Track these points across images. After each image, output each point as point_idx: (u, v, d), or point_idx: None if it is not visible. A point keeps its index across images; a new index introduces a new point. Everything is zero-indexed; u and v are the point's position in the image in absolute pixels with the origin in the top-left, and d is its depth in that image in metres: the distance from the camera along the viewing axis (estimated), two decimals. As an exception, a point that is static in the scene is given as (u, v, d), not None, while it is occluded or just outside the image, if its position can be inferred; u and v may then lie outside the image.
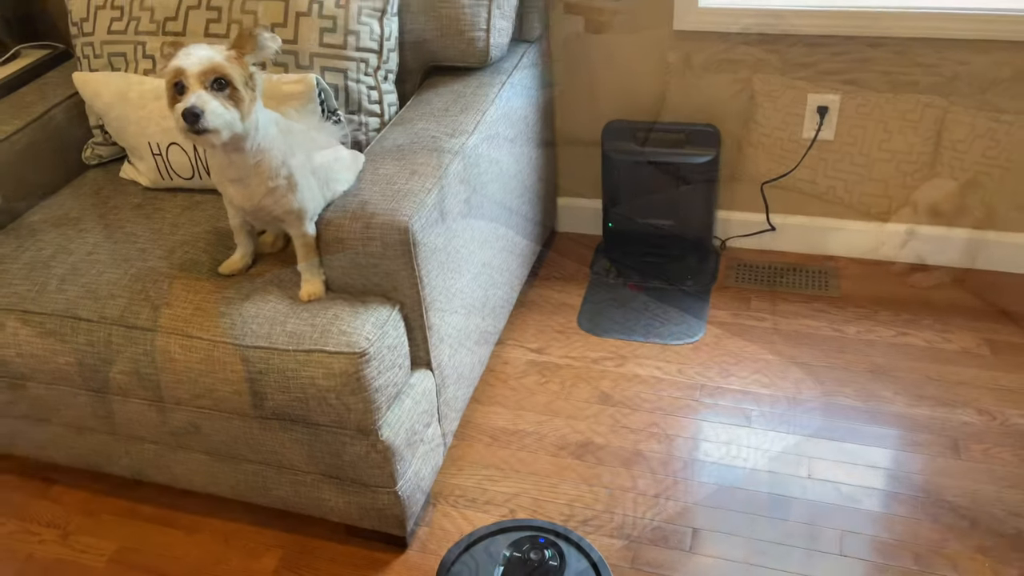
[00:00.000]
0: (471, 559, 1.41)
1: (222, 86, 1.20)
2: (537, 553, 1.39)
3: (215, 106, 1.18)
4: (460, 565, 1.40)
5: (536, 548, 1.40)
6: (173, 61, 1.19)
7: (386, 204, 1.37)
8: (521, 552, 1.39)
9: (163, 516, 1.67)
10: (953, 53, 1.84)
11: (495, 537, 1.43)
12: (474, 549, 1.42)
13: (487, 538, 1.43)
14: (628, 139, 2.06)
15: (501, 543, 1.41)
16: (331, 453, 1.41)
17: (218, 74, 1.19)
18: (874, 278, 2.09)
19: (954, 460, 1.63)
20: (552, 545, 1.41)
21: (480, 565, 1.40)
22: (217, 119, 1.19)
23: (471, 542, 1.43)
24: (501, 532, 1.44)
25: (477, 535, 1.44)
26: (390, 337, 1.36)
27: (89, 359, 1.42)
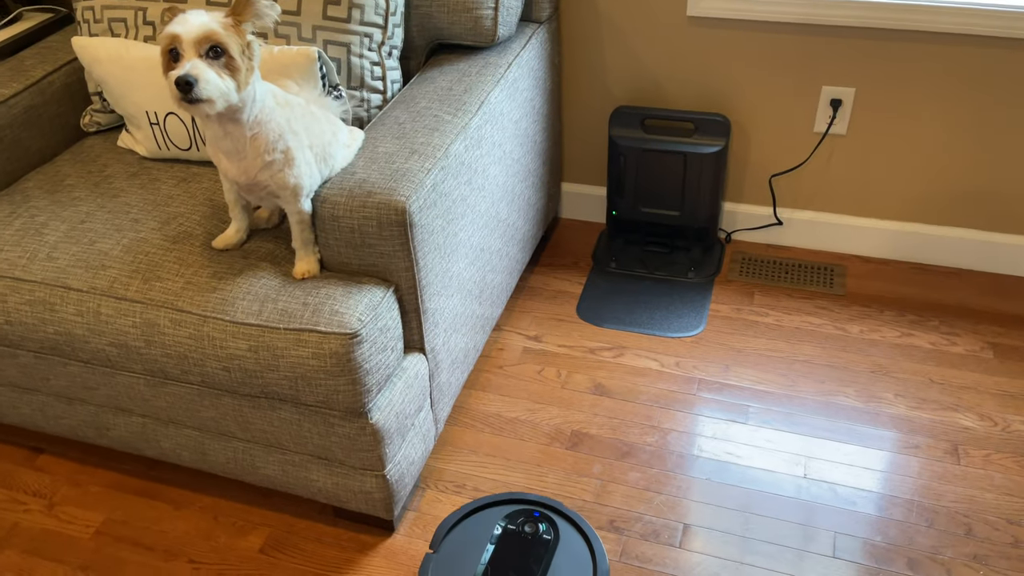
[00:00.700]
0: (466, 530, 1.42)
1: (218, 54, 1.17)
2: (531, 526, 1.41)
3: (210, 75, 1.15)
4: (455, 535, 1.41)
5: (531, 521, 1.42)
6: (168, 27, 1.16)
7: (384, 183, 1.34)
8: (516, 525, 1.41)
9: (151, 489, 1.66)
10: (974, 49, 1.79)
11: (491, 509, 1.44)
12: (469, 520, 1.43)
13: (482, 509, 1.44)
14: (636, 126, 2.03)
15: (496, 515, 1.43)
16: (319, 434, 1.39)
17: (214, 42, 1.16)
18: (881, 277, 2.06)
19: (953, 465, 1.61)
20: (546, 519, 1.42)
21: (475, 536, 1.40)
22: (211, 88, 1.15)
23: (466, 513, 1.44)
24: (497, 504, 1.45)
25: (473, 506, 1.44)
26: (383, 319, 1.33)
27: (78, 330, 1.40)
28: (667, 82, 2.03)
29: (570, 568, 1.35)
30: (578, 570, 1.35)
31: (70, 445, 1.76)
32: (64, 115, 1.82)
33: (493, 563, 1.36)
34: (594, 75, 2.08)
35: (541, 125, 1.95)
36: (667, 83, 2.03)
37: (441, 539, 1.41)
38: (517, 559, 1.37)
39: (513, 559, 1.37)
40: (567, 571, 1.35)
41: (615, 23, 1.99)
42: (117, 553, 1.54)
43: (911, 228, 2.05)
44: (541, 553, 1.37)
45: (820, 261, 2.11)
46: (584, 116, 2.15)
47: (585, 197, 2.27)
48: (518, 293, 2.08)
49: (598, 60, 2.05)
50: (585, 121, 2.16)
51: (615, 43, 2.01)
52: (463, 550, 1.39)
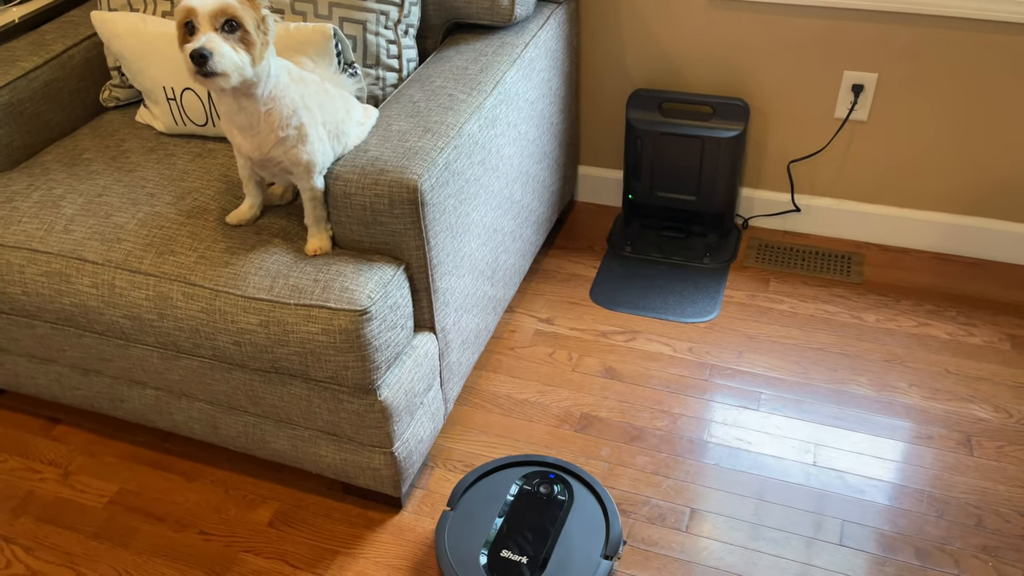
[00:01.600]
0: (482, 489, 1.45)
1: (233, 28, 1.17)
2: (547, 487, 1.44)
3: (225, 48, 1.16)
4: (472, 494, 1.45)
5: (546, 482, 1.45)
6: (184, 0, 1.16)
7: (396, 161, 1.34)
8: (531, 486, 1.44)
9: (164, 461, 1.68)
10: (999, 36, 1.76)
11: (507, 470, 1.47)
12: (486, 480, 1.47)
13: (499, 470, 1.48)
14: (654, 109, 2.01)
15: (512, 476, 1.46)
16: (329, 410, 1.40)
17: (229, 15, 1.16)
18: (899, 266, 2.03)
19: (966, 456, 1.59)
20: (561, 481, 1.45)
21: (491, 495, 1.44)
22: (226, 62, 1.16)
23: (483, 473, 1.47)
24: (513, 465, 1.48)
25: (489, 467, 1.48)
26: (393, 297, 1.34)
27: (93, 301, 1.42)
28: (686, 65, 2.01)
29: (584, 529, 1.39)
30: (591, 531, 1.38)
31: (86, 416, 1.78)
32: (84, 90, 1.83)
33: (509, 521, 1.40)
34: (612, 57, 2.06)
35: (558, 107, 1.93)
36: (686, 66, 2.01)
37: (459, 497, 1.44)
38: (532, 518, 1.40)
39: (528, 518, 1.40)
40: (581, 531, 1.38)
41: (635, 5, 1.97)
42: (129, 523, 1.57)
43: (932, 217, 2.02)
44: (556, 513, 1.41)
45: (838, 249, 2.09)
46: (602, 98, 2.14)
47: (601, 180, 2.26)
48: (531, 275, 2.07)
49: (617, 42, 2.04)
50: (602, 103, 2.14)
51: (634, 25, 2.00)
52: (480, 508, 1.42)
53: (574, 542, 1.37)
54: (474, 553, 1.36)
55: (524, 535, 1.38)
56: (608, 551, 1.36)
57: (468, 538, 1.38)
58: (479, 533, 1.39)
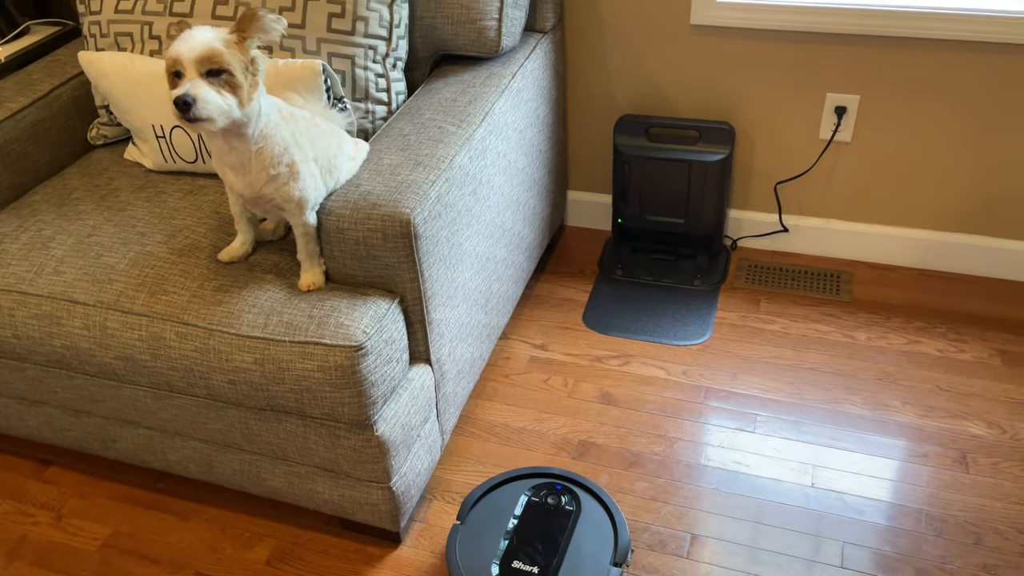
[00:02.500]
0: (491, 502, 1.47)
1: (219, 73, 1.17)
2: (554, 498, 1.46)
3: (209, 95, 1.16)
4: (480, 507, 1.46)
5: (553, 494, 1.47)
6: (172, 46, 1.17)
7: (388, 195, 1.34)
8: (539, 497, 1.46)
9: (157, 501, 1.66)
10: (978, 55, 1.79)
11: (514, 483, 1.50)
12: (494, 493, 1.49)
13: (506, 483, 1.50)
14: (641, 134, 2.03)
15: (520, 488, 1.49)
16: (325, 446, 1.39)
17: (214, 63, 1.16)
18: (888, 284, 2.05)
19: (962, 474, 1.60)
20: (568, 491, 1.47)
21: (500, 507, 1.46)
22: (211, 108, 1.16)
23: (492, 486, 1.49)
24: (520, 478, 1.51)
25: (497, 480, 1.50)
26: (388, 331, 1.34)
27: (84, 343, 1.40)
28: (671, 90, 2.03)
29: (592, 538, 1.41)
30: (600, 540, 1.41)
31: (77, 457, 1.76)
32: (71, 128, 1.83)
33: (518, 532, 1.42)
34: (598, 84, 2.08)
35: (546, 134, 1.95)
36: (671, 91, 2.03)
37: (468, 511, 1.46)
38: (541, 529, 1.42)
39: (537, 529, 1.42)
40: (589, 541, 1.41)
41: (619, 32, 1.99)
42: (124, 565, 1.54)
43: (917, 235, 2.05)
44: (564, 524, 1.43)
45: (826, 268, 2.11)
46: (589, 125, 2.15)
47: (590, 205, 2.27)
48: (524, 301, 2.08)
49: (602, 69, 2.06)
50: (590, 130, 2.16)
51: (619, 52, 2.02)
52: (489, 521, 1.44)
53: (583, 551, 1.39)
54: (486, 565, 1.37)
55: (534, 545, 1.40)
56: (617, 558, 1.38)
57: (479, 550, 1.40)
58: (490, 545, 1.40)
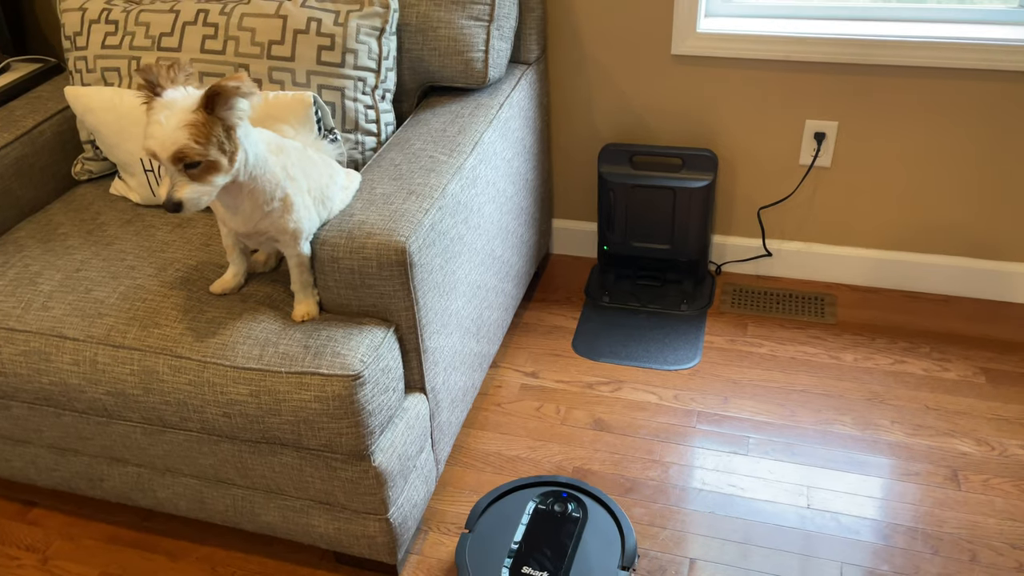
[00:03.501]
0: (498, 510, 1.50)
1: (195, 164, 1.16)
2: (561, 505, 1.50)
3: (192, 193, 1.16)
4: (488, 516, 1.50)
5: (560, 501, 1.51)
6: (145, 140, 1.15)
7: (383, 224, 1.35)
8: (546, 505, 1.50)
9: (146, 541, 1.63)
10: (950, 82, 1.84)
11: (521, 491, 1.53)
12: (501, 502, 1.52)
13: (513, 492, 1.54)
14: (624, 163, 2.06)
15: (527, 497, 1.52)
16: (321, 478, 1.38)
17: (188, 160, 1.14)
18: (870, 306, 2.08)
19: (954, 491, 1.61)
20: (574, 499, 1.51)
21: (507, 516, 1.49)
22: (197, 201, 1.17)
23: (499, 495, 1.53)
24: (526, 487, 1.54)
25: (504, 488, 1.53)
26: (385, 360, 1.33)
27: (74, 379, 1.38)
28: (654, 119, 2.07)
29: (600, 543, 1.44)
30: (607, 544, 1.44)
31: (62, 498, 1.72)
32: (55, 164, 1.82)
33: (526, 539, 1.45)
34: (582, 114, 2.11)
35: (532, 164, 1.97)
36: (654, 120, 2.07)
37: (476, 519, 1.49)
38: (549, 536, 1.45)
39: (545, 536, 1.45)
40: (597, 546, 1.44)
41: (601, 64, 2.02)
42: (113, 608, 1.51)
43: (898, 257, 2.08)
44: (572, 530, 1.46)
45: (810, 291, 2.14)
46: (573, 154, 2.18)
47: (576, 233, 2.29)
48: (513, 329, 2.08)
49: (585, 99, 2.09)
50: (574, 159, 2.19)
51: (602, 83, 2.05)
52: (497, 529, 1.47)
53: (591, 556, 1.42)
54: (496, 571, 1.40)
55: (543, 551, 1.43)
56: (625, 562, 1.41)
57: (488, 557, 1.43)
58: (499, 552, 1.43)
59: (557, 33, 2.02)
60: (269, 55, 1.57)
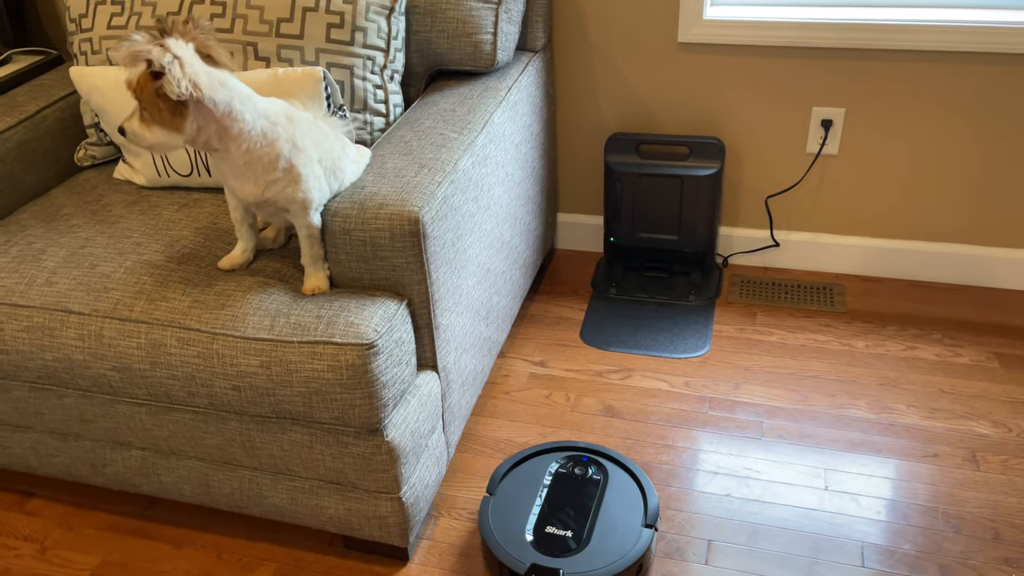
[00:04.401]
0: (519, 475, 1.51)
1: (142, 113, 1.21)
2: (581, 469, 1.51)
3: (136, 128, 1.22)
4: (509, 480, 1.51)
5: (580, 465, 1.52)
6: None
7: (395, 195, 1.33)
8: (566, 468, 1.52)
9: (148, 529, 1.58)
10: (959, 66, 1.85)
11: (540, 457, 1.55)
12: (522, 465, 1.53)
13: (534, 456, 1.55)
14: (631, 152, 2.05)
15: (547, 462, 1.54)
16: (332, 455, 1.34)
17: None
18: (879, 295, 2.07)
19: (973, 472, 1.59)
20: (594, 463, 1.52)
21: (528, 479, 1.50)
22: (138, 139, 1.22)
23: (519, 460, 1.54)
24: (545, 452, 1.56)
25: (524, 454, 1.55)
26: (398, 331, 1.30)
27: (78, 355, 1.35)
28: (660, 108, 2.06)
29: (622, 503, 1.45)
30: (630, 504, 1.45)
31: (62, 488, 1.68)
32: (58, 150, 1.80)
33: (549, 501, 1.46)
34: (588, 103, 2.11)
35: (539, 152, 1.96)
36: (660, 109, 2.06)
37: (497, 483, 1.50)
38: (571, 497, 1.46)
39: (567, 497, 1.46)
40: (619, 506, 1.45)
41: (607, 52, 2.02)
42: (115, 596, 1.46)
43: (906, 245, 2.08)
44: (593, 491, 1.47)
45: (818, 281, 2.12)
46: (579, 144, 2.17)
47: (581, 227, 2.27)
48: (519, 320, 2.05)
49: (591, 88, 2.08)
50: (580, 149, 2.18)
51: (608, 71, 2.05)
52: (518, 492, 1.49)
53: (615, 515, 1.44)
54: (520, 531, 1.41)
55: (566, 512, 1.44)
56: (648, 520, 1.42)
57: (511, 519, 1.44)
58: (521, 513, 1.45)
59: (563, 21, 2.02)
60: (278, 33, 1.56)
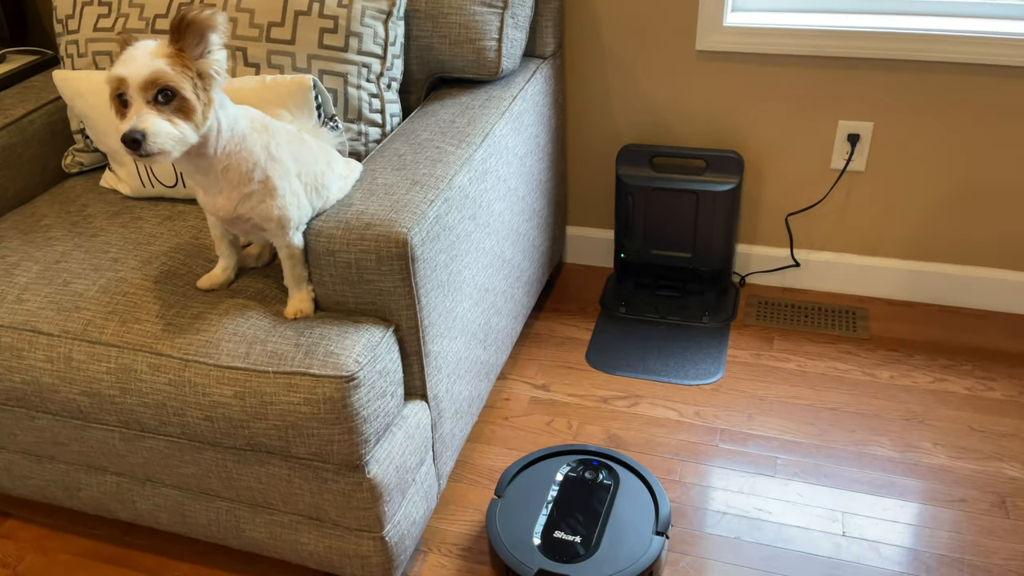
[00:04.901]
0: (528, 477, 1.49)
1: (169, 98, 1.05)
2: (591, 473, 1.48)
3: (159, 126, 1.03)
4: (517, 482, 1.48)
5: (591, 469, 1.49)
6: (114, 67, 1.05)
7: (383, 215, 1.24)
8: (576, 472, 1.49)
9: (125, 557, 1.51)
10: (996, 80, 1.72)
11: (550, 459, 1.52)
12: (530, 469, 1.51)
13: (543, 460, 1.52)
14: (645, 164, 1.94)
15: (556, 464, 1.51)
16: (311, 491, 1.26)
17: (161, 85, 1.04)
18: (906, 320, 1.95)
19: (1002, 519, 1.47)
20: (605, 467, 1.49)
21: (537, 483, 1.48)
22: (162, 140, 1.04)
23: (528, 463, 1.51)
24: (555, 455, 1.53)
25: (533, 457, 1.52)
26: (382, 361, 1.22)
27: (47, 378, 1.27)
28: (676, 119, 1.96)
29: (632, 509, 1.42)
30: (641, 511, 1.42)
31: (37, 509, 1.61)
32: (44, 156, 1.73)
33: (557, 505, 1.43)
34: (600, 112, 2.01)
35: (546, 164, 1.86)
36: (676, 120, 1.96)
37: (505, 485, 1.47)
38: (580, 502, 1.44)
39: (576, 502, 1.44)
40: (630, 512, 1.42)
41: (622, 59, 1.92)
42: (84, 629, 1.39)
43: (935, 268, 1.96)
44: (603, 496, 1.44)
45: (840, 304, 2.01)
46: (590, 155, 2.07)
47: (591, 241, 2.18)
48: (523, 340, 1.96)
49: (604, 98, 1.98)
50: (591, 161, 2.08)
51: (621, 80, 1.95)
52: (527, 495, 1.46)
53: (625, 521, 1.40)
54: (527, 535, 1.39)
55: (575, 517, 1.41)
56: (659, 527, 1.38)
57: (519, 522, 1.41)
58: (529, 517, 1.42)
59: (575, 26, 1.92)
60: (268, 38, 1.48)
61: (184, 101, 1.06)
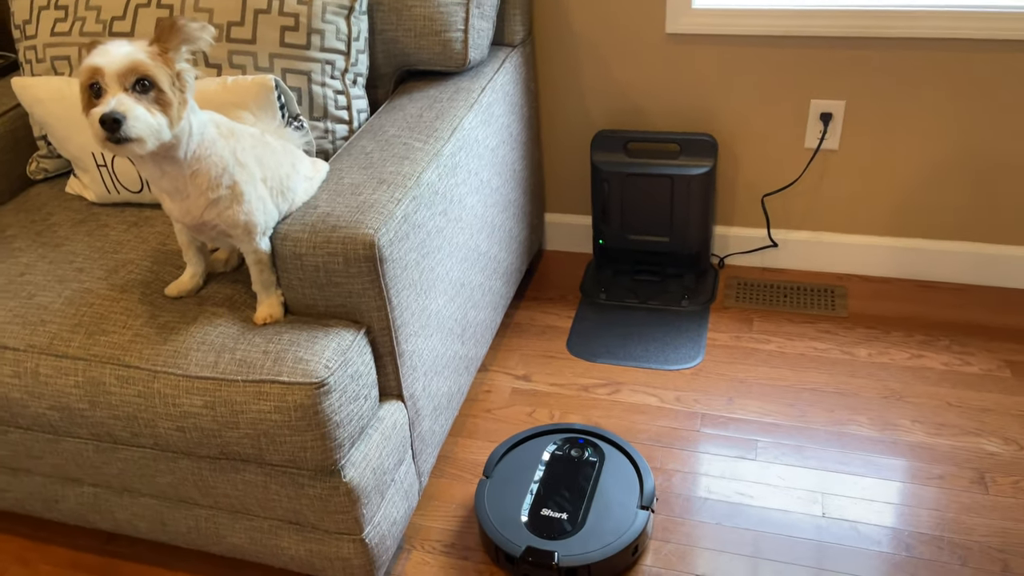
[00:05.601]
0: (515, 458, 1.51)
1: (146, 88, 1.04)
2: (577, 451, 1.51)
3: (138, 111, 1.03)
4: (505, 463, 1.51)
5: (576, 447, 1.52)
6: (88, 59, 1.04)
7: (349, 216, 1.22)
8: (563, 451, 1.52)
9: (108, 566, 1.50)
10: (966, 54, 1.71)
11: (536, 439, 1.55)
12: (518, 448, 1.53)
13: (530, 439, 1.55)
14: (619, 150, 1.93)
15: (543, 443, 1.54)
16: (288, 497, 1.25)
17: (141, 74, 1.03)
18: (884, 296, 1.95)
19: (981, 495, 1.48)
20: (591, 445, 1.52)
21: (524, 462, 1.50)
22: (141, 126, 1.03)
23: (515, 443, 1.54)
24: (541, 435, 1.56)
25: (520, 437, 1.55)
26: (354, 365, 1.21)
27: (15, 393, 1.26)
28: (649, 103, 1.94)
29: (618, 485, 1.45)
30: (626, 486, 1.45)
31: (17, 520, 1.60)
32: (8, 164, 1.70)
33: (544, 483, 1.46)
34: (572, 99, 1.99)
35: (520, 153, 1.84)
36: (649, 104, 1.94)
37: (493, 466, 1.50)
38: (567, 479, 1.46)
39: (563, 479, 1.46)
40: (615, 488, 1.45)
41: (592, 45, 1.90)
42: (69, 641, 1.38)
43: (912, 244, 1.95)
44: (589, 473, 1.47)
45: (819, 283, 2.01)
46: (564, 142, 2.05)
47: (569, 227, 2.16)
48: (503, 330, 1.95)
49: (576, 83, 1.96)
50: (566, 148, 2.06)
51: (593, 65, 1.93)
52: (514, 474, 1.48)
53: (610, 497, 1.43)
54: (515, 514, 1.42)
55: (561, 494, 1.44)
56: (644, 502, 1.41)
57: (507, 501, 1.44)
58: (517, 496, 1.45)
59: (544, 12, 1.89)
60: (228, 38, 1.45)
61: (162, 94, 1.06)
